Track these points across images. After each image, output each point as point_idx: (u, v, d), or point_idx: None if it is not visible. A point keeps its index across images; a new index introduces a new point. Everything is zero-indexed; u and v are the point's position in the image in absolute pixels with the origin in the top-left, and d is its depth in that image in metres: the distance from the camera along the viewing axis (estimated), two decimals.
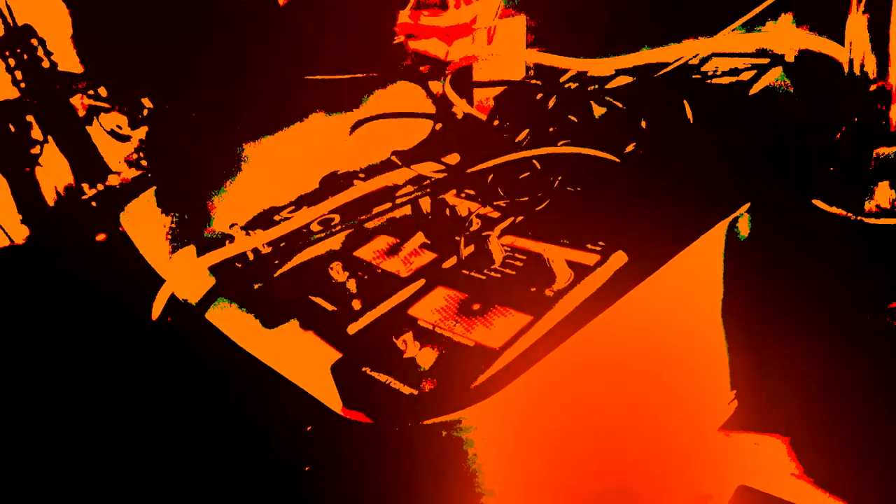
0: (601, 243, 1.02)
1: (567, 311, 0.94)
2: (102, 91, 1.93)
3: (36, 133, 1.86)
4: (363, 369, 0.95)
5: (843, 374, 0.95)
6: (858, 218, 0.91)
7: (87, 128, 1.94)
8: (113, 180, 1.94)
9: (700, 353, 1.03)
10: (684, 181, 1.07)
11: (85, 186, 1.90)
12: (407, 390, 0.90)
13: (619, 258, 0.99)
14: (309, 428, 0.89)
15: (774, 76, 1.14)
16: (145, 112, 1.96)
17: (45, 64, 1.91)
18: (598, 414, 0.94)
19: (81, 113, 1.93)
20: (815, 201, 0.95)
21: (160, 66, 1.80)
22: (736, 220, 1.00)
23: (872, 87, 0.89)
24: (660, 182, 1.10)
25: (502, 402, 0.86)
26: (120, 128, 1.97)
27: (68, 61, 1.92)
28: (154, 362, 1.03)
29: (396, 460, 0.86)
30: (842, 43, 1.04)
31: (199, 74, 1.60)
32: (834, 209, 0.93)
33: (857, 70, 0.89)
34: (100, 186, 1.91)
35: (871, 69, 0.88)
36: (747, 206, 1.00)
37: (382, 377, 0.93)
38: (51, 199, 1.86)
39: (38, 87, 1.88)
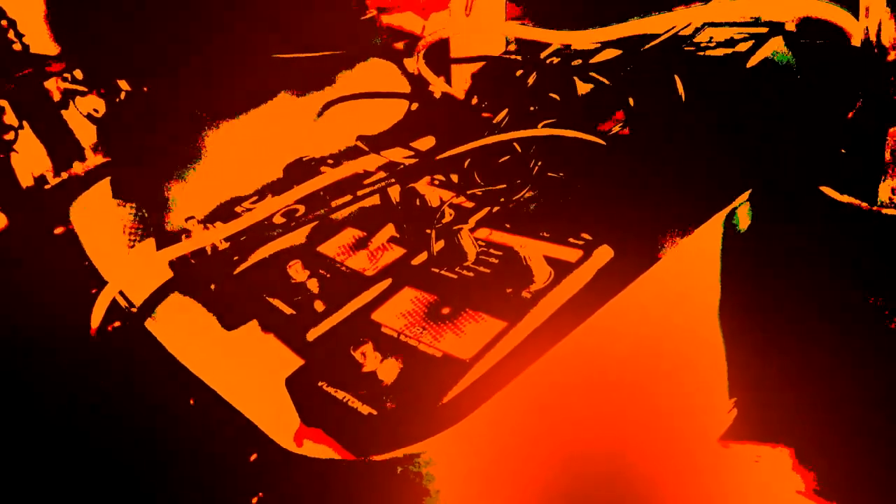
0: (584, 236, 0.90)
1: (545, 315, 0.82)
2: (78, 73, 1.82)
3: (10, 118, 1.76)
4: (319, 384, 0.84)
5: (853, 380, 0.83)
6: (873, 208, 0.78)
7: (63, 112, 1.83)
8: (77, 168, 1.82)
9: (696, 359, 0.91)
10: (676, 167, 0.94)
11: (48, 175, 1.79)
12: (366, 410, 0.78)
13: (603, 253, 0.87)
14: (254, 457, 0.77)
15: (774, 47, 1.01)
16: (122, 95, 1.85)
17: (17, 46, 1.80)
18: (583, 432, 0.82)
19: (57, 97, 1.82)
20: (823, 189, 0.82)
21: (133, 46, 1.68)
22: (734, 210, 0.87)
23: (890, 58, 0.76)
24: (650, 167, 0.97)
25: (472, 423, 0.74)
26: (97, 111, 1.86)
27: (41, 43, 1.81)
28: (89, 379, 0.91)
29: (352, 493, 0.75)
30: (850, 8, 0.92)
31: (158, 55, 1.47)
32: (845, 198, 0.81)
33: (872, 38, 0.76)
34: (63, 175, 1.80)
35: (889, 38, 0.75)
36: (747, 194, 0.87)
37: (340, 394, 0.81)
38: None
39: (11, 71, 1.77)
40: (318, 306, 0.96)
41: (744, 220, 0.86)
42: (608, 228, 0.89)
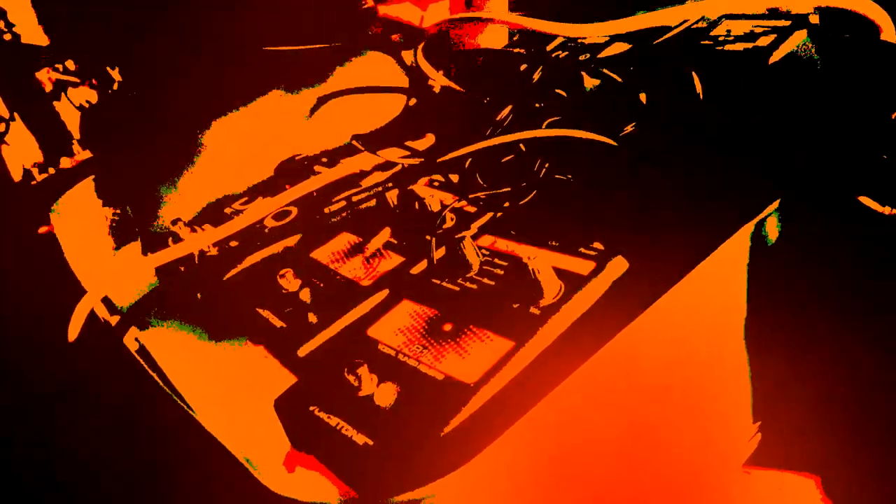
0: (596, 246, 0.82)
1: (555, 334, 0.74)
2: (70, 64, 1.74)
3: (1, 110, 1.67)
4: (311, 408, 0.75)
5: (888, 407, 0.75)
6: None
7: (55, 103, 1.75)
8: (66, 163, 1.74)
9: (718, 381, 0.83)
10: (695, 171, 0.85)
11: (34, 171, 1.70)
12: (361, 439, 0.70)
13: (618, 265, 0.78)
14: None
15: (798, 41, 0.92)
16: (115, 86, 1.76)
17: (7, 37, 1.72)
18: (601, 463, 0.74)
19: (49, 88, 1.74)
20: (861, 198, 0.74)
21: (124, 36, 1.59)
22: (763, 221, 0.78)
23: None
24: (665, 172, 0.88)
25: (480, 462, 0.66)
26: (90, 103, 1.77)
27: (32, 33, 1.72)
28: (63, 395, 0.83)
29: None
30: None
31: (145, 47, 1.38)
32: (886, 209, 0.72)
33: None
34: (51, 170, 1.71)
35: None
36: (776, 204, 0.78)
37: (333, 420, 0.73)
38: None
39: (1, 62, 1.68)
40: (311, 318, 0.88)
41: (772, 233, 0.78)
42: (622, 237, 0.81)
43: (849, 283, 0.75)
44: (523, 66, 1.14)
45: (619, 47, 1.09)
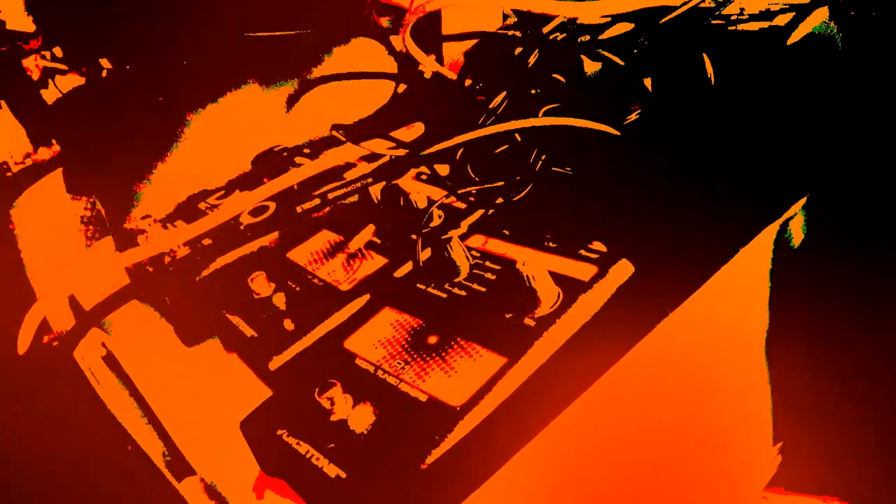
0: (598, 247, 0.72)
1: (553, 348, 0.65)
2: (58, 51, 1.65)
3: None
4: (279, 433, 0.66)
5: None
6: None
7: (43, 91, 1.66)
8: (44, 153, 1.64)
9: (737, 398, 0.73)
10: (711, 167, 0.75)
11: (10, 161, 1.60)
12: (333, 471, 0.61)
13: (622, 270, 0.69)
14: None
15: (819, 20, 0.82)
16: (104, 73, 1.67)
17: None
18: (606, 492, 0.65)
19: (36, 75, 1.64)
20: None
21: (115, 22, 1.49)
22: (786, 223, 0.68)
23: None
24: (677, 166, 0.78)
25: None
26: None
27: (18, 19, 1.63)
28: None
29: None
30: None
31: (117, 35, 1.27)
32: None
33: None
34: (28, 161, 1.62)
35: None
36: (801, 203, 0.69)
37: (303, 447, 0.64)
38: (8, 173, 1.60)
39: None
40: (286, 325, 0.79)
41: (797, 235, 0.68)
42: (626, 239, 0.71)
43: (881, 292, 0.66)
44: (518, 50, 1.04)
45: (622, 28, 0.99)
